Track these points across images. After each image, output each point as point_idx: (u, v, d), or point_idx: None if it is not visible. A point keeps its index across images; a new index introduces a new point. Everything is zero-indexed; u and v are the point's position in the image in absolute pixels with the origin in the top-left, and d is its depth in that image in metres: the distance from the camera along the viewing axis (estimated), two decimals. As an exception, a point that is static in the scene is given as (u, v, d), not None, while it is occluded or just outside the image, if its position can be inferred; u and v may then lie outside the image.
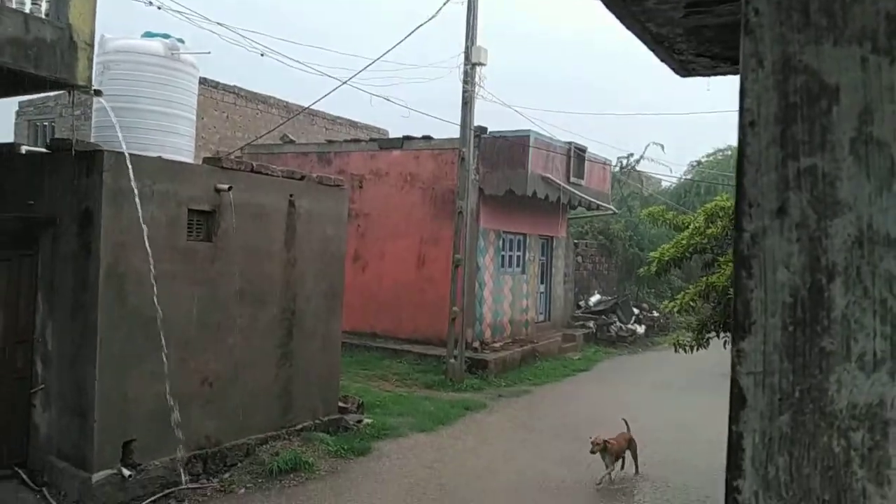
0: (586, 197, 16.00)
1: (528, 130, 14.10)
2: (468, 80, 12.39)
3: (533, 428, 10.00)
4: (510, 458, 8.51)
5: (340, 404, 9.16)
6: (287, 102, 20.66)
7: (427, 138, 14.62)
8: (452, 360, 12.50)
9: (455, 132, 13.08)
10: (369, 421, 9.22)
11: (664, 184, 29.23)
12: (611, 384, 13.49)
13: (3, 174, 7.27)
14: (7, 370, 6.61)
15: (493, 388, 12.43)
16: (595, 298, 20.30)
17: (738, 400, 0.99)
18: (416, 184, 14.63)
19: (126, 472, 6.37)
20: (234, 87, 19.61)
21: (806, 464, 0.95)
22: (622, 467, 7.89)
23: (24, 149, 7.16)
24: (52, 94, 13.84)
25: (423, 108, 13.06)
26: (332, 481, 7.41)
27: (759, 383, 0.98)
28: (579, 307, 19.97)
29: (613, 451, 7.52)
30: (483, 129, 13.66)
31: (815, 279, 0.96)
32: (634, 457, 7.92)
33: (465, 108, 12.54)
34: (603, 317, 19.00)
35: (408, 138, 14.90)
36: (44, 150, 6.86)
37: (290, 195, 8.11)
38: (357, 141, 16.19)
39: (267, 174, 7.93)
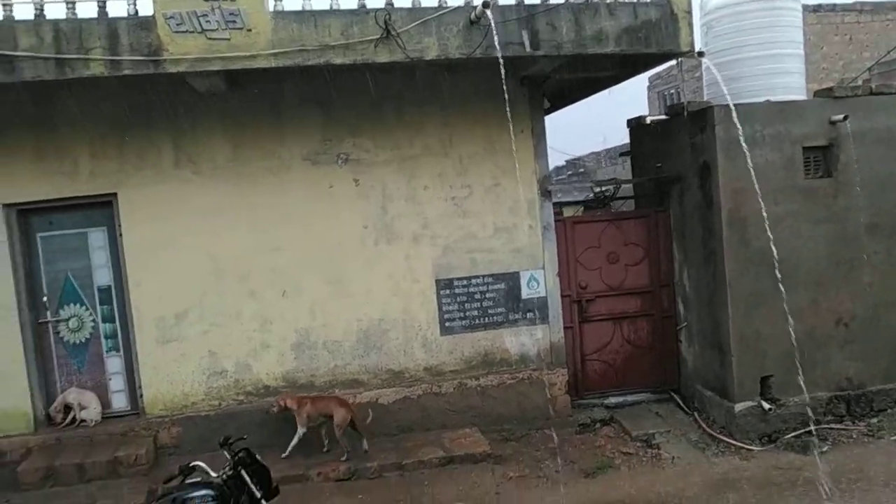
0: None
1: None
2: None
3: None
4: None
5: None
6: (926, 1, 17.42)
7: None
8: None
9: None
10: None
11: None
12: None
13: (635, 144, 8.57)
14: (657, 310, 7.83)
15: None
16: None
17: None
18: None
19: (765, 405, 6.73)
20: (855, 3, 17.63)
21: None
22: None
23: (648, 119, 8.23)
24: (673, 63, 15.15)
25: None
26: None
27: None
28: None
29: (305, 412, 6.51)
30: None
31: None
32: (355, 427, 6.57)
33: None
34: None
35: None
36: (664, 116, 7.76)
37: (927, 109, 7.00)
38: None
39: (890, 93, 7.05)
